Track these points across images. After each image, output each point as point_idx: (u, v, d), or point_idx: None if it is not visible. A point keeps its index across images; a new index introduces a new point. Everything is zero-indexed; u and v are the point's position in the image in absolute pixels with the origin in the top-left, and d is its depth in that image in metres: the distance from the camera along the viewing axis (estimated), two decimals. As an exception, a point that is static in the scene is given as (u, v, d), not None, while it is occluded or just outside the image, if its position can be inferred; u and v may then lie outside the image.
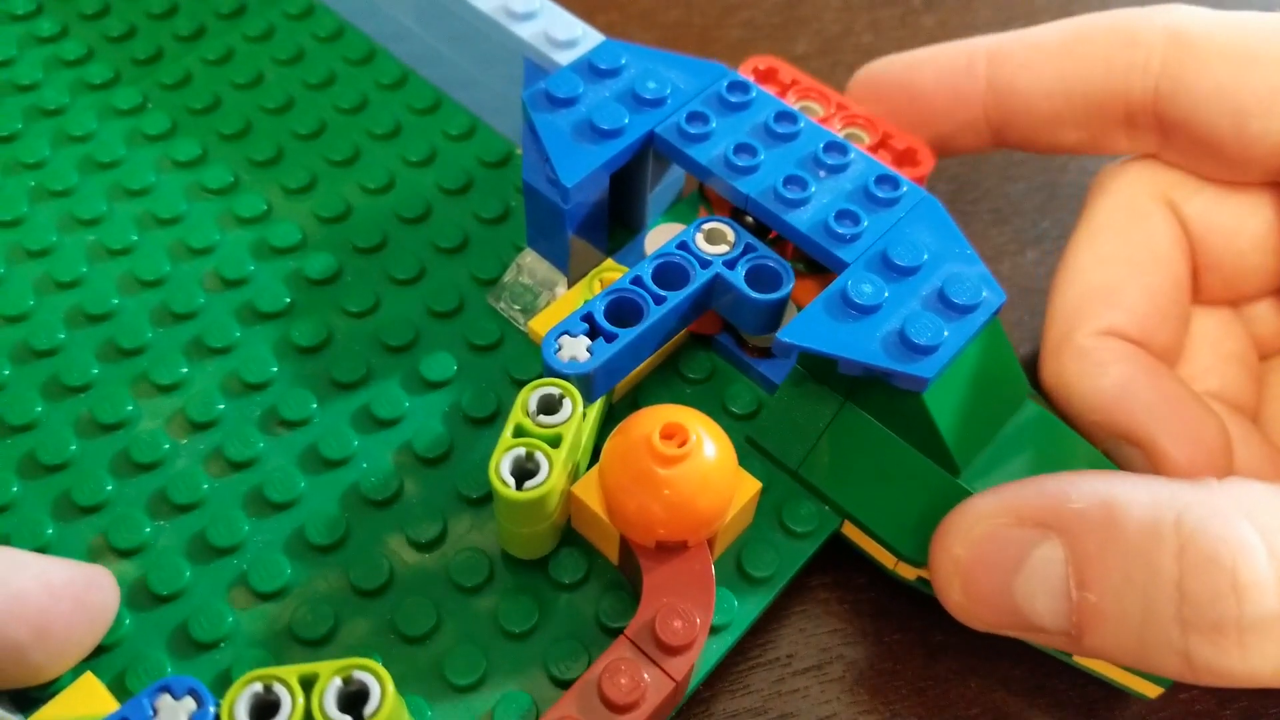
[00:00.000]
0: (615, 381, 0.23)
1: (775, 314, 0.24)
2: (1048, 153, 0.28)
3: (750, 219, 0.25)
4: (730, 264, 0.23)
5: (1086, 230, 0.26)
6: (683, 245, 0.24)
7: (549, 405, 0.22)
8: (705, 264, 0.23)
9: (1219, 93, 0.24)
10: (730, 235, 0.24)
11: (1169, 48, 0.25)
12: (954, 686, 0.25)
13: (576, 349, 0.22)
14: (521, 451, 0.21)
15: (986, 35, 0.28)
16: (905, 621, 0.25)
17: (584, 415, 0.22)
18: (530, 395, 0.22)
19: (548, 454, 0.21)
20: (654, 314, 0.23)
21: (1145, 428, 0.24)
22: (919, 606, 0.25)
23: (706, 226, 0.24)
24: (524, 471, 0.21)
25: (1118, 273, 0.26)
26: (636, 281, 0.23)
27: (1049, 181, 0.34)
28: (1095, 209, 0.27)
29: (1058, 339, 0.26)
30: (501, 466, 0.21)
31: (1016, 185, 0.34)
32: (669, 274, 0.24)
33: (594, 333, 0.23)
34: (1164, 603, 0.19)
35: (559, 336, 0.22)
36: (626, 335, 0.22)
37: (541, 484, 0.21)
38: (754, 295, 0.23)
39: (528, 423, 0.21)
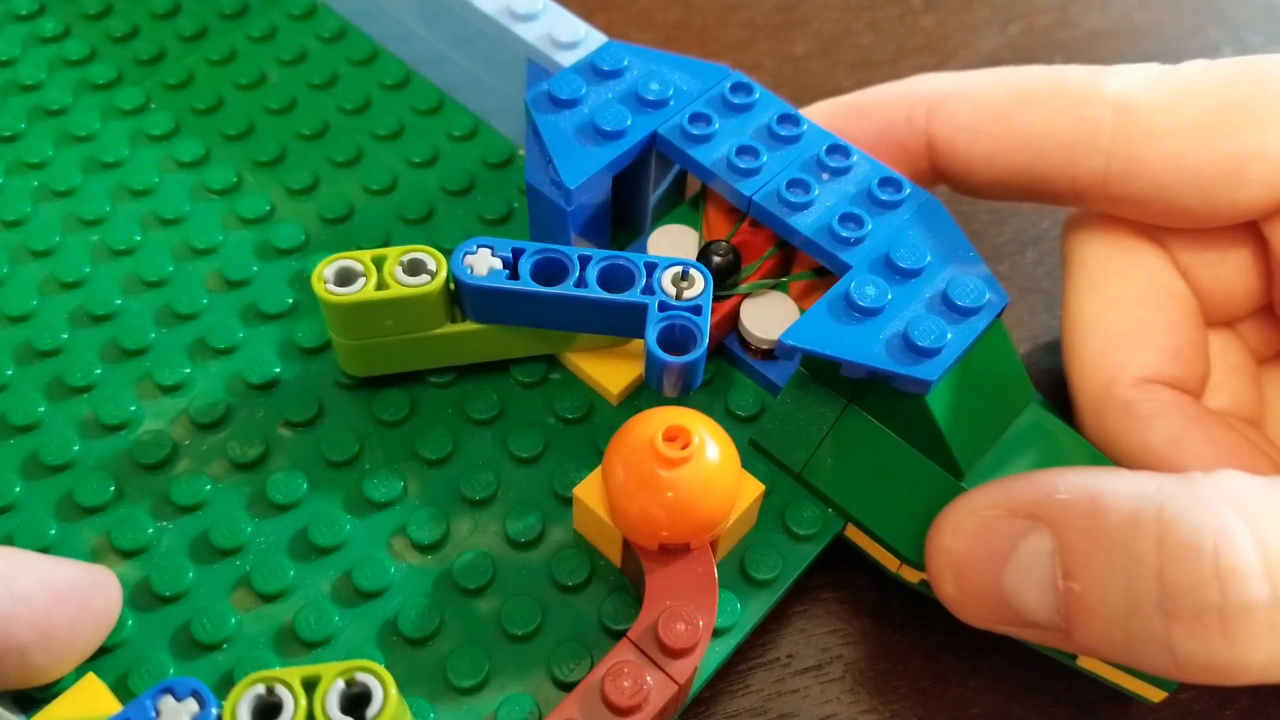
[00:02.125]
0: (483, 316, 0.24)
1: (681, 372, 0.23)
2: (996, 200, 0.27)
3: (731, 282, 0.25)
4: (662, 306, 0.23)
5: (1083, 276, 0.26)
6: (650, 267, 0.23)
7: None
8: (647, 291, 0.23)
9: (1179, 169, 0.23)
10: (696, 287, 0.23)
11: (1119, 124, 0.24)
12: (954, 686, 0.25)
13: (480, 265, 0.23)
14: (347, 263, 0.23)
15: (928, 77, 0.27)
16: (905, 621, 0.25)
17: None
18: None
19: (367, 266, 0.23)
20: (563, 289, 0.23)
21: None
22: (919, 607, 0.25)
23: (688, 270, 0.23)
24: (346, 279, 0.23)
25: (1134, 314, 0.25)
26: (584, 259, 0.23)
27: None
28: (1082, 254, 0.26)
29: (1096, 393, 0.25)
30: (326, 273, 0.23)
31: (1018, 186, 0.34)
32: (615, 276, 0.23)
33: (512, 269, 0.23)
34: (1146, 593, 0.19)
35: (480, 248, 0.23)
36: (526, 285, 0.23)
37: (359, 289, 0.23)
38: (659, 353, 0.22)
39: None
